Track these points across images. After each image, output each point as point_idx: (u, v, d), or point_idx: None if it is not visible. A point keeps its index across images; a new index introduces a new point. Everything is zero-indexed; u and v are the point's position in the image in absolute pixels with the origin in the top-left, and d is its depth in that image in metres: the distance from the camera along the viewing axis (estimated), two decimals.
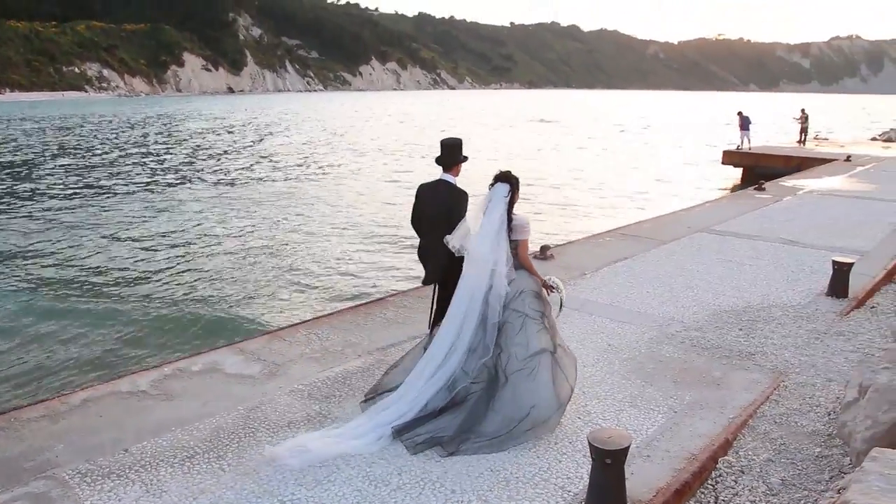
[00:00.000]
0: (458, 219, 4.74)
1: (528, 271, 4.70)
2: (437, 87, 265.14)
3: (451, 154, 4.99)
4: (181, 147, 38.49)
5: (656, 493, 3.80)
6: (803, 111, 30.92)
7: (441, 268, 4.92)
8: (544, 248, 9.24)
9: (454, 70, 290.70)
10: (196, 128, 53.89)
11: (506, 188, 4.56)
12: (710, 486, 4.11)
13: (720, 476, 4.19)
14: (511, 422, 4.29)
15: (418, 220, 5.12)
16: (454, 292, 4.61)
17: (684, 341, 6.19)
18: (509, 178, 4.60)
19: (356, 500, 3.68)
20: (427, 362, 4.53)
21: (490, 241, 4.48)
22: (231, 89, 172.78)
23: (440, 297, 5.07)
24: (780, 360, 5.84)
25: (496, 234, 4.49)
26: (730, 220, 12.16)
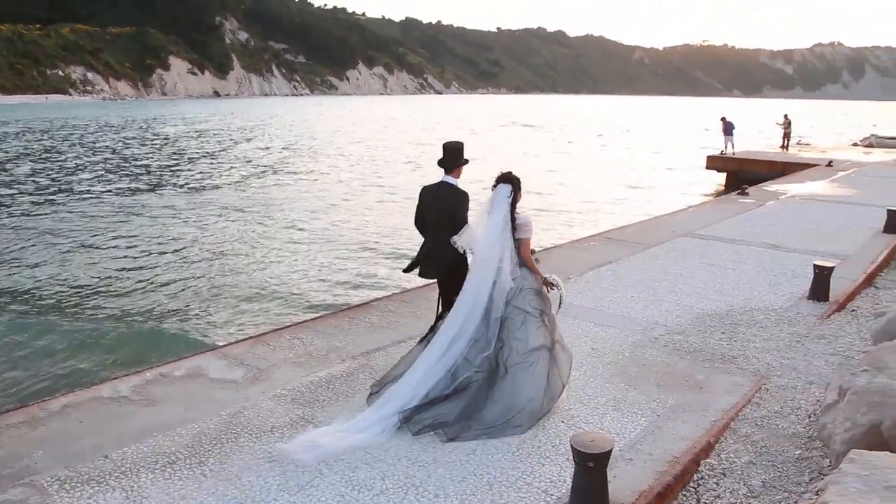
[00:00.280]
0: (460, 219, 4.93)
1: (530, 269, 4.90)
2: (424, 91, 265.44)
3: (453, 157, 5.18)
4: (161, 152, 38.26)
5: (639, 497, 3.82)
6: (786, 117, 31.24)
7: (445, 266, 5.13)
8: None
9: (441, 75, 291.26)
10: (176, 132, 53.57)
11: (508, 189, 4.77)
12: (692, 488, 4.13)
13: (702, 479, 4.21)
14: (509, 412, 4.50)
15: (421, 221, 5.31)
16: (459, 288, 4.83)
17: (667, 345, 6.22)
18: (511, 179, 4.80)
19: None
20: (430, 353, 4.70)
21: (495, 240, 4.70)
22: (217, 93, 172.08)
23: (443, 293, 5.30)
24: (761, 363, 5.89)
25: (501, 233, 4.71)
26: (714, 225, 12.26)
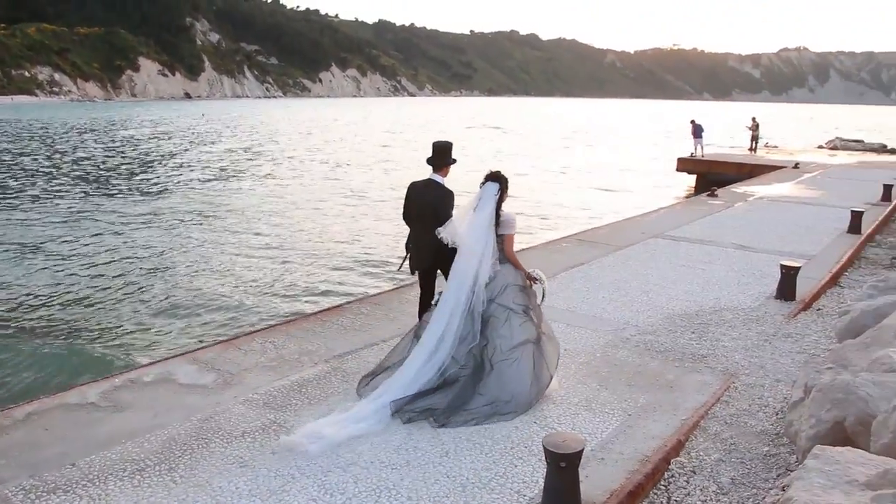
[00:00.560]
0: (444, 215, 5.08)
1: (514, 265, 5.07)
2: (398, 94, 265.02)
3: (441, 156, 5.37)
4: (122, 155, 37.67)
5: (610, 496, 3.85)
6: (754, 119, 31.78)
7: (429, 258, 5.38)
8: None
9: (414, 77, 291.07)
10: (140, 134, 52.77)
11: (495, 187, 4.96)
12: (663, 486, 4.18)
13: (672, 477, 4.26)
14: (496, 402, 4.70)
15: (408, 215, 5.54)
16: (442, 281, 5.07)
17: (639, 345, 6.29)
18: (499, 178, 5.00)
19: None
20: (419, 350, 4.87)
21: (480, 235, 4.88)
22: (188, 95, 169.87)
23: (425, 284, 5.60)
24: (730, 361, 5.98)
25: (486, 229, 4.89)
26: (684, 226, 12.42)
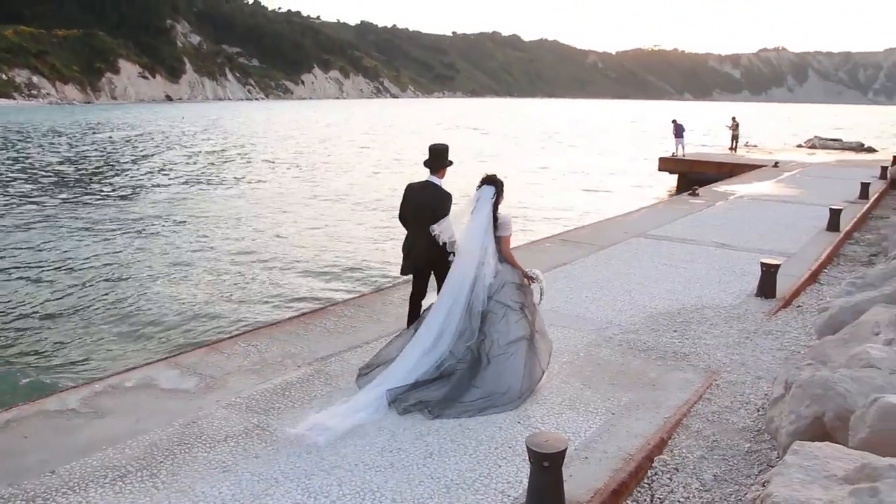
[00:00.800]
0: (442, 216, 5.23)
1: (511, 264, 5.23)
2: (380, 95, 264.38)
3: (438, 158, 5.50)
4: (103, 160, 37.32)
5: (594, 494, 3.87)
6: (734, 119, 32.10)
7: (425, 259, 5.51)
8: None
9: (397, 78, 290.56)
10: (119, 137, 52.29)
11: (492, 190, 5.12)
12: (647, 484, 4.21)
13: (656, 475, 4.29)
14: (491, 395, 4.84)
15: (404, 216, 5.64)
16: (439, 281, 5.26)
17: (621, 344, 6.33)
18: (495, 181, 5.16)
19: None
20: (416, 344, 5.04)
21: (479, 237, 5.04)
22: (169, 97, 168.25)
23: (418, 284, 5.75)
24: (712, 359, 6.04)
25: (485, 231, 5.05)
26: (665, 225, 12.52)
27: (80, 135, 53.04)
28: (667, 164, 26.52)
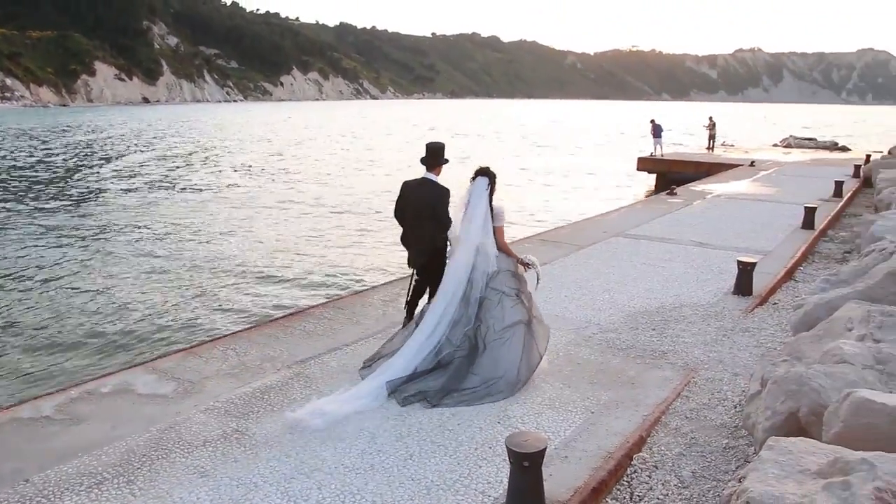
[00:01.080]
0: (442, 212, 5.41)
1: (506, 252, 5.40)
2: (360, 97, 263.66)
3: (435, 156, 5.60)
4: (77, 164, 36.84)
5: (574, 493, 3.89)
6: (711, 119, 32.44)
7: (424, 256, 5.64)
8: None
9: (377, 80, 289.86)
10: (91, 140, 51.64)
11: (485, 182, 5.27)
12: (626, 482, 4.24)
13: (635, 472, 4.32)
14: (489, 381, 4.95)
15: (402, 212, 5.73)
16: (439, 274, 5.38)
17: (601, 343, 6.37)
18: (488, 173, 5.32)
19: None
20: (420, 332, 5.19)
21: (478, 228, 5.20)
22: (147, 99, 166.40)
23: (420, 280, 5.84)
24: (690, 357, 6.09)
25: (483, 222, 5.22)
26: (644, 225, 12.61)
27: (52, 138, 52.22)
28: (645, 164, 26.74)
